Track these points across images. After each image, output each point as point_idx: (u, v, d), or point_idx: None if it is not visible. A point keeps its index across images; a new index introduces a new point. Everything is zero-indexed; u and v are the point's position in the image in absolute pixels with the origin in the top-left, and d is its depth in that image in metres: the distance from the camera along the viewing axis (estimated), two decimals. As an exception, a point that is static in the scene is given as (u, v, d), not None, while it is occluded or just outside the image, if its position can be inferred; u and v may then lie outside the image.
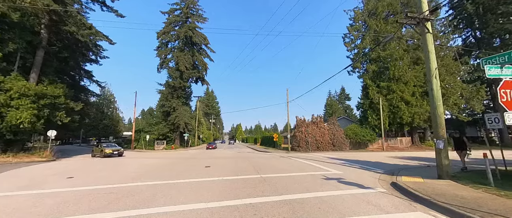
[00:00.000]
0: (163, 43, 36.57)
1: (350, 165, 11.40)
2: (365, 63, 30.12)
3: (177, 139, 35.99)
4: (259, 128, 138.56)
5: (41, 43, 17.66)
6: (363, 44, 28.42)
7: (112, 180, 7.52)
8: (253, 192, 5.65)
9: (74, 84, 23.07)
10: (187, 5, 36.66)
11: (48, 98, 15.60)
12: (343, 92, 72.18)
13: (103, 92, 56.27)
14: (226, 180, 7.31)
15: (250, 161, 14.14)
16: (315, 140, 25.34)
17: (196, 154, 21.55)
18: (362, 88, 30.21)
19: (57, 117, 16.53)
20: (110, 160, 15.89)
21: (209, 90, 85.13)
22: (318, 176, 7.97)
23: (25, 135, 16.44)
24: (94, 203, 4.76)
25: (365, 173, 8.91)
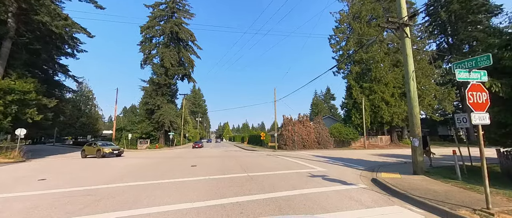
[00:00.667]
0: (147, 38, 35.08)
1: (334, 163, 11.82)
2: (349, 64, 31.28)
3: (161, 138, 34.85)
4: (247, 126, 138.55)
5: (8, 33, 16.13)
6: (348, 46, 29.50)
7: (90, 182, 7.11)
8: (240, 190, 5.65)
9: (47, 79, 21.37)
10: (173, 0, 35.48)
11: (16, 94, 14.30)
12: (329, 92, 74.50)
13: (81, 89, 52.75)
14: (212, 179, 7.23)
15: (237, 159, 14.10)
16: (301, 138, 25.90)
17: (181, 153, 21.04)
18: (346, 88, 31.37)
19: (27, 114, 15.22)
20: (89, 160, 15.00)
21: (195, 88, 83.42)
22: (304, 174, 8.16)
23: (-11, 134, 14.96)
24: (69, 206, 4.47)
25: (348, 170, 9.28)
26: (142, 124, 34.75)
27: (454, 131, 10.38)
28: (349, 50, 29.74)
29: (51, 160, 15.17)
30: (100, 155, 16.62)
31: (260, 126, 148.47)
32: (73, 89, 29.65)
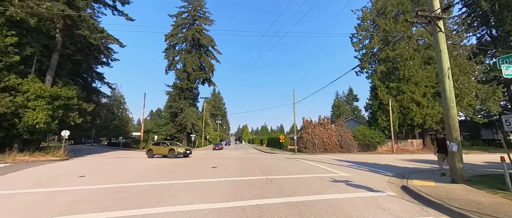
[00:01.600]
0: (171, 46, 37.28)
1: (358, 167, 11.17)
2: (373, 63, 29.53)
3: (184, 140, 36.48)
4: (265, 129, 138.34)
5: (56, 46, 18.42)
6: (372, 44, 27.89)
7: (122, 179, 7.70)
8: (259, 193, 5.64)
9: (86, 86, 23.87)
10: (194, 8, 37.27)
11: (62, 99, 16.21)
12: (351, 93, 71.01)
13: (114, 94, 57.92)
14: (232, 181, 7.33)
15: (256, 162, 14.12)
16: (322, 141, 25.01)
17: (203, 155, 21.74)
18: (371, 89, 29.60)
19: (70, 118, 17.14)
20: (121, 160, 16.29)
21: (215, 91, 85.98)
22: (325, 178, 7.85)
23: (40, 135, 17.14)
24: (104, 202, 4.89)
25: (374, 175, 8.69)
26: (167, 126, 36.80)
27: (501, 134, 8.91)
28: (373, 49, 28.10)
29: (89, 159, 16.81)
30: (174, 155, 16.33)
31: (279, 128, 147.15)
32: (108, 94, 32.68)
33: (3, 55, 13.52)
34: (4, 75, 13.96)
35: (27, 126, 14.55)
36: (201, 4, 38.20)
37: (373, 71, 29.30)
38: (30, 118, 14.37)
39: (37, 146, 17.69)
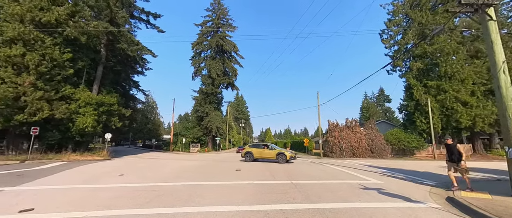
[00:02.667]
0: (197, 53, 39.41)
1: (392, 175, 10.21)
2: (407, 60, 27.02)
3: (209, 142, 37.89)
4: (289, 132, 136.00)
5: (101, 59, 20.96)
6: (405, 40, 25.57)
7: (155, 179, 8.31)
8: (283, 198, 5.53)
9: (125, 93, 26.55)
10: (218, 16, 38.92)
11: (105, 106, 18.30)
12: (382, 94, 65.73)
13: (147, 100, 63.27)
14: (256, 184, 7.33)
15: (280, 166, 13.92)
16: (350, 145, 23.56)
17: (227, 157, 22.26)
18: (405, 88, 27.05)
19: (112, 122, 19.22)
20: (154, 160, 17.61)
21: (239, 95, 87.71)
22: (355, 185, 7.35)
23: (88, 137, 19.54)
24: (138, 199, 5.32)
25: (411, 184, 7.85)
26: (194, 129, 38.72)
27: None
28: (407, 44, 25.73)
29: (127, 159, 18.53)
30: (285, 159, 14.64)
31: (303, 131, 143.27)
32: (142, 100, 35.87)
33: (61, 69, 15.87)
34: (61, 86, 16.34)
35: (78, 129, 16.73)
36: (224, 12, 39.73)
37: (407, 69, 26.79)
38: (81, 122, 16.49)
39: (86, 147, 20.17)
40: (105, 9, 20.04)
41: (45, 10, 14.98)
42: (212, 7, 39.76)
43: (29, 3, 14.38)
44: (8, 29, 13.28)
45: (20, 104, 13.89)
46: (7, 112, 13.47)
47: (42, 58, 14.42)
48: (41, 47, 14.48)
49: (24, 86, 13.76)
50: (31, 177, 8.45)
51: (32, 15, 14.26)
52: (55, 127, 16.58)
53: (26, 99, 13.89)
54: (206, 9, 39.86)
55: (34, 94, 14.14)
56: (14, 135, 15.64)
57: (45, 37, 14.72)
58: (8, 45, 13.60)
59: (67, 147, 17.68)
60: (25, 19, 14.11)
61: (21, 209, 4.43)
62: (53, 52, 14.93)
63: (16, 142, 15.84)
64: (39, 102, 14.41)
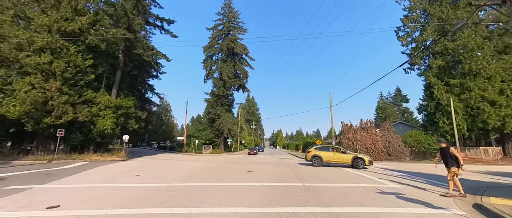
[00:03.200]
0: (209, 56, 40.20)
1: (411, 178, 9.69)
2: (426, 58, 25.68)
3: (221, 144, 38.33)
4: (300, 134, 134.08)
5: (119, 65, 22.07)
6: (423, 37, 24.32)
7: (168, 179, 8.55)
8: (295, 200, 5.44)
9: (141, 96, 27.70)
10: (229, 20, 39.51)
11: (123, 109, 19.21)
12: (399, 93, 62.81)
13: (162, 103, 65.50)
14: (267, 186, 7.29)
15: (291, 168, 13.74)
16: (365, 147, 22.70)
17: (238, 159, 22.38)
18: (425, 87, 25.69)
19: (129, 124, 20.11)
20: (168, 161, 18.15)
21: (250, 97, 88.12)
22: (370, 189, 7.06)
23: (108, 139, 20.58)
24: (154, 199, 5.50)
25: (433, 188, 7.39)
26: (206, 131, 39.42)
27: None
28: (425, 41, 24.47)
29: (143, 160, 19.26)
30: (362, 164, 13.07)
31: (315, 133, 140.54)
32: (157, 103, 37.14)
33: (84, 74, 16.92)
34: (84, 91, 17.41)
35: (99, 131, 17.68)
36: (235, 15, 40.25)
37: (426, 67, 25.44)
38: (101, 124, 17.43)
39: (106, 148, 21.25)
40: (122, 17, 21.14)
41: (70, 20, 16.10)
42: (223, 11, 40.46)
43: (56, 14, 15.53)
44: (38, 39, 14.42)
45: (48, 108, 14.97)
46: (37, 115, 14.57)
47: (67, 65, 15.47)
48: (66, 54, 15.55)
49: (51, 91, 14.83)
50: (57, 176, 9.05)
51: (58, 25, 15.38)
52: (78, 129, 17.66)
53: (53, 103, 14.95)
54: (217, 13, 40.64)
55: (60, 99, 15.19)
56: (42, 136, 16.87)
57: (70, 45, 15.79)
58: (38, 53, 14.76)
59: (88, 148, 18.73)
60: (52, 29, 15.25)
61: (48, 206, 4.76)
62: (76, 59, 15.97)
63: (44, 143, 17.06)
64: (64, 106, 15.45)
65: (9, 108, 13.58)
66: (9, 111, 13.54)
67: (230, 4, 40.42)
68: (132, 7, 22.41)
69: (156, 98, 32.82)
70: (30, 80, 14.18)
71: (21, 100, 13.62)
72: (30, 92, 13.86)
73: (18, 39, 14.10)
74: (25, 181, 7.69)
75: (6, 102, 13.76)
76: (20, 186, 6.90)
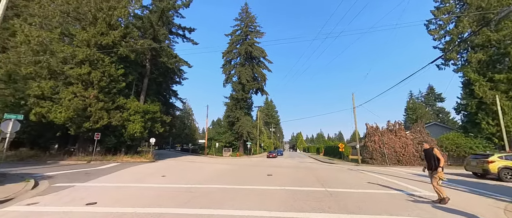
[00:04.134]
0: (227, 61, 41.25)
1: (450, 186, 8.72)
2: (464, 52, 23.14)
3: (241, 147, 38.76)
4: (322, 136, 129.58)
5: (146, 73, 23.78)
6: (459, 29, 21.98)
7: (191, 181, 8.88)
8: (318, 206, 5.24)
9: (165, 102, 29.39)
10: (246, 24, 40.22)
11: (150, 113, 20.59)
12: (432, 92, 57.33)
13: (184, 107, 68.84)
14: (288, 190, 7.15)
15: (313, 172, 13.31)
16: (394, 151, 21.05)
17: (258, 162, 22.38)
18: (463, 84, 23.13)
19: (155, 128, 21.46)
20: (191, 163, 18.89)
21: (268, 100, 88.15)
22: (402, 197, 6.50)
23: (137, 142, 22.17)
24: (178, 199, 5.74)
25: (477, 198, 6.55)
26: (226, 134, 40.26)
27: None
28: (462, 33, 22.08)
29: (168, 162, 20.31)
30: None
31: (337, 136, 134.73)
32: (180, 108, 39.14)
33: (116, 83, 18.57)
34: (116, 98, 19.08)
35: (129, 135, 19.16)
36: (252, 19, 40.85)
37: (464, 61, 22.91)
38: (131, 128, 18.87)
39: (135, 150, 22.91)
40: (149, 28, 22.83)
41: (105, 34, 17.87)
42: (241, 16, 41.35)
43: (93, 29, 17.37)
44: (79, 52, 16.26)
45: (87, 114, 16.69)
46: (78, 120, 16.33)
47: (103, 74, 17.14)
48: (101, 65, 17.25)
49: (90, 99, 16.52)
50: (95, 175, 9.98)
51: (95, 39, 17.17)
52: (111, 132, 19.34)
53: (91, 109, 16.63)
54: (235, 19, 41.65)
55: (97, 105, 16.83)
56: (83, 139, 18.83)
57: (105, 57, 17.49)
58: (79, 65, 16.62)
59: (120, 149, 20.37)
60: (91, 43, 17.07)
61: (87, 202, 5.26)
62: (110, 69, 17.61)
63: (84, 145, 19.01)
64: (100, 112, 17.07)
65: (56, 114, 15.43)
66: (57, 117, 15.38)
67: (247, 9, 41.17)
68: (157, 19, 24.08)
69: (179, 103, 34.55)
70: (73, 90, 15.98)
71: (66, 108, 15.39)
72: (72, 100, 15.61)
73: (64, 54, 16.03)
74: (69, 179, 8.62)
75: (54, 109, 15.66)
76: (65, 183, 7.76)
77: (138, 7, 22.56)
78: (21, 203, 5.19)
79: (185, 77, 31.18)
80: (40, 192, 6.42)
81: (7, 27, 16.79)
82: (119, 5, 18.67)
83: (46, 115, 15.45)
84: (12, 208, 4.80)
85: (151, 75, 24.95)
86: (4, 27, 16.21)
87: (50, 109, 15.60)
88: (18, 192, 6.03)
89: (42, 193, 6.23)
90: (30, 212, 4.53)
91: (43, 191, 6.50)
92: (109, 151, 19.50)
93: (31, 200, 5.51)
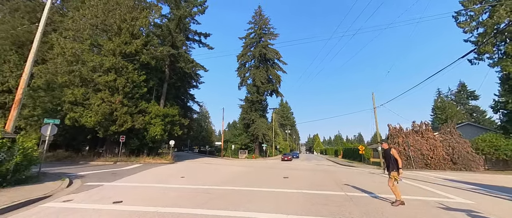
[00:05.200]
0: (242, 64, 41.78)
1: (487, 193, 7.86)
2: (501, 44, 20.93)
3: (256, 149, 38.81)
4: (340, 138, 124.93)
5: (166, 78, 24.97)
6: (494, 19, 19.90)
7: (209, 182, 9.08)
8: (337, 211, 5.04)
9: (183, 105, 30.54)
10: (260, 27, 40.48)
11: (169, 117, 21.53)
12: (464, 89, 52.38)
13: (201, 110, 70.77)
14: (305, 194, 6.98)
15: (331, 175, 12.87)
16: (421, 154, 19.58)
17: (274, 164, 22.20)
18: (501, 80, 20.91)
19: (174, 130, 22.37)
20: (208, 165, 19.34)
21: (283, 101, 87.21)
22: (432, 204, 6.01)
23: (157, 144, 23.29)
24: (196, 200, 5.90)
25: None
26: (241, 136, 40.61)
27: None
28: (498, 24, 19.97)
29: (187, 163, 21.00)
30: None
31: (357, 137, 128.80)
32: (197, 111, 40.34)
33: (138, 88, 19.76)
34: (139, 102, 20.28)
35: (150, 137, 20.20)
36: (266, 22, 41.02)
37: (502, 54, 20.70)
38: (152, 131, 19.89)
39: (156, 152, 24.06)
40: (167, 36, 24.00)
41: (128, 43, 19.16)
42: (254, 19, 41.73)
43: (118, 39, 18.71)
44: (106, 61, 17.62)
45: (113, 118, 17.94)
46: (106, 124, 17.62)
47: (126, 81, 18.35)
48: (125, 72, 18.49)
49: (116, 104, 17.75)
50: (121, 175, 10.65)
51: (120, 48, 18.48)
52: (135, 135, 20.54)
53: (116, 113, 17.85)
54: (249, 22, 42.12)
55: (122, 110, 18.03)
56: (110, 141, 20.24)
57: (128, 64, 18.73)
58: (106, 73, 17.99)
59: (143, 151, 21.53)
60: (116, 52, 18.40)
61: (114, 201, 5.63)
62: (133, 75, 18.80)
63: (111, 147, 20.42)
64: (125, 116, 18.24)
65: (87, 119, 16.80)
66: (87, 121, 16.75)
67: (260, 12, 41.45)
68: (175, 27, 25.24)
69: (196, 106, 35.67)
70: (101, 96, 17.30)
71: (95, 112, 16.70)
72: (101, 105, 16.89)
73: (93, 63, 17.47)
74: (99, 179, 9.30)
75: (86, 114, 17.08)
76: (95, 182, 8.39)
77: (157, 16, 23.84)
78: (58, 200, 5.71)
79: (202, 81, 32.19)
80: (74, 190, 7.00)
81: (46, 41, 18.72)
82: (141, 16, 19.91)
83: (79, 119, 16.87)
84: (50, 204, 5.30)
85: (170, 80, 26.11)
86: (43, 41, 18.08)
87: (82, 114, 17.02)
88: (55, 190, 6.65)
89: (76, 191, 6.80)
90: (66, 209, 4.96)
91: (77, 189, 7.08)
92: (132, 153, 20.73)
93: (66, 197, 6.03)
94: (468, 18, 22.13)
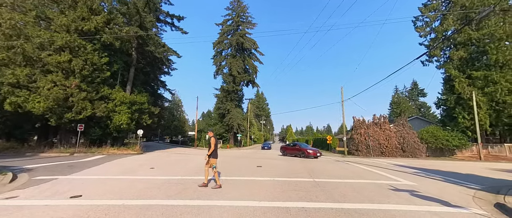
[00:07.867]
0: (218, 52, 40.40)
1: (427, 176, 9.33)
2: (447, 49, 24.19)
3: (231, 139, 38.86)
4: (311, 129, 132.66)
5: (133, 62, 22.76)
6: (444, 26, 22.83)
7: (181, 172, 8.84)
8: (305, 195, 5.44)
9: (153, 92, 28.49)
10: (238, 14, 39.26)
11: (137, 104, 19.91)
12: (416, 87, 59.91)
13: (173, 98, 67.03)
14: (277, 181, 7.33)
15: (302, 163, 13.69)
16: (378, 143, 22.08)
17: (248, 154, 22.61)
18: (444, 80, 24.36)
19: (143, 119, 20.86)
20: (180, 155, 18.71)
21: (259, 92, 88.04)
22: (383, 186, 6.89)
23: (123, 133, 21.52)
24: (168, 191, 5.72)
25: (450, 186, 7.08)
26: (216, 126, 40.09)
27: None
28: (446, 31, 22.96)
29: (157, 154, 19.99)
30: None
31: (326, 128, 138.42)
32: (169, 99, 38.09)
33: (100, 72, 17.66)
34: (100, 87, 18.21)
35: (115, 126, 18.51)
36: (244, 9, 39.90)
37: (447, 58, 24.01)
38: (117, 120, 18.22)
39: (122, 142, 22.28)
40: (135, 15, 21.64)
41: (86, 19, 16.75)
42: (232, 5, 40.22)
43: (73, 14, 16.21)
44: (57, 38, 15.19)
45: (68, 104, 15.86)
46: (59, 111, 15.50)
47: (85, 63, 16.20)
48: (83, 53, 16.27)
49: (71, 88, 15.65)
50: (79, 167, 9.64)
51: (76, 24, 16.07)
52: (96, 124, 18.59)
53: (73, 99, 15.80)
54: (226, 8, 40.50)
55: (79, 95, 16.01)
56: (65, 130, 17.98)
57: (87, 44, 16.48)
58: (58, 52, 15.57)
59: (106, 141, 19.71)
60: (70, 28, 15.97)
61: (72, 195, 5.11)
62: (93, 57, 16.67)
63: (66, 137, 18.18)
64: (83, 102, 16.28)
65: (34, 104, 14.52)
66: (34, 107, 14.49)
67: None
68: (143, 5, 22.85)
69: (168, 94, 33.58)
70: (52, 78, 15.03)
71: (45, 97, 14.51)
72: (52, 89, 14.71)
73: (40, 39, 14.91)
74: (51, 172, 8.27)
75: (32, 99, 14.72)
76: (46, 176, 7.44)
77: (122, -9, 21.24)
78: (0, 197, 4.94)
79: (174, 68, 30.25)
80: (19, 185, 6.12)
81: (-27, 8, 15.25)
82: (102, -12, 17.48)
83: (23, 105, 14.51)
84: (-12, 202, 4.56)
85: (137, 64, 23.93)
86: (-31, 8, 14.71)
87: (27, 99, 14.65)
88: (-6, 186, 5.72)
89: (22, 187, 5.95)
90: (9, 207, 4.32)
91: (23, 185, 6.20)
92: (93, 143, 18.81)
93: (9, 194, 5.25)
94: (424, 24, 24.90)
